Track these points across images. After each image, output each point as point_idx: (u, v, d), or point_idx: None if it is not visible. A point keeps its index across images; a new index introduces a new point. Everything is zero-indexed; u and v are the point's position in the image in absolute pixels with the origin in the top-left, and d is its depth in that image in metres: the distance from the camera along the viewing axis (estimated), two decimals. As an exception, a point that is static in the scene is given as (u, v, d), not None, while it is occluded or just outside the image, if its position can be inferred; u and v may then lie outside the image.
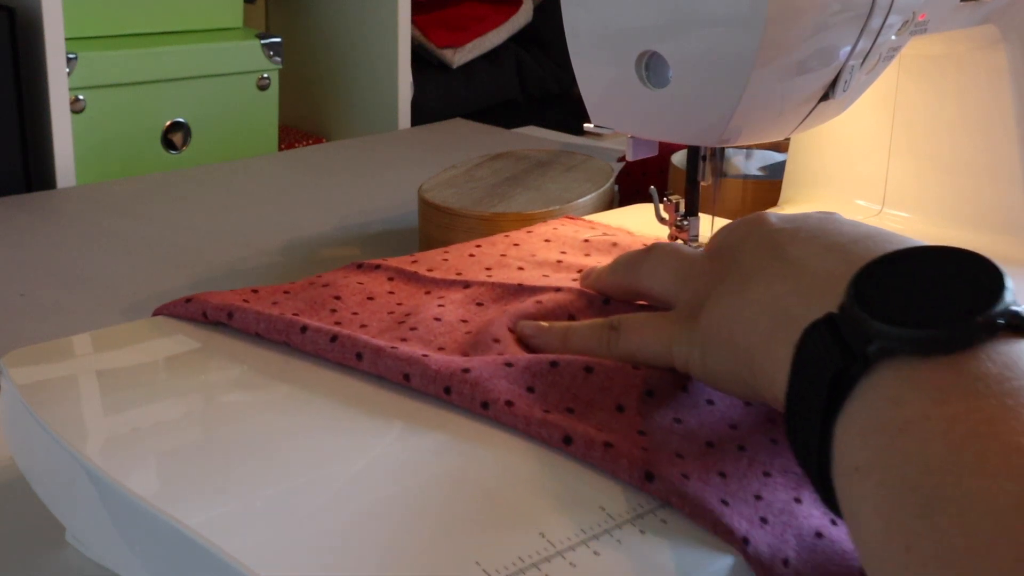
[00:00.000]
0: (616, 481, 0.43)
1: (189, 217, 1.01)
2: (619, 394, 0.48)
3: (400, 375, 0.49)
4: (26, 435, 0.48)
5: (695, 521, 0.41)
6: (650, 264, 0.53)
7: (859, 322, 0.36)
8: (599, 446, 0.44)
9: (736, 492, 0.43)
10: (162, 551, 0.40)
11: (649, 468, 0.43)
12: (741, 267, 0.46)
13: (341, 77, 1.51)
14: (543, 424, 0.46)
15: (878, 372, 0.36)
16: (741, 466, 0.45)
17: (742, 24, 0.53)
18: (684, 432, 0.47)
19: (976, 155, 0.73)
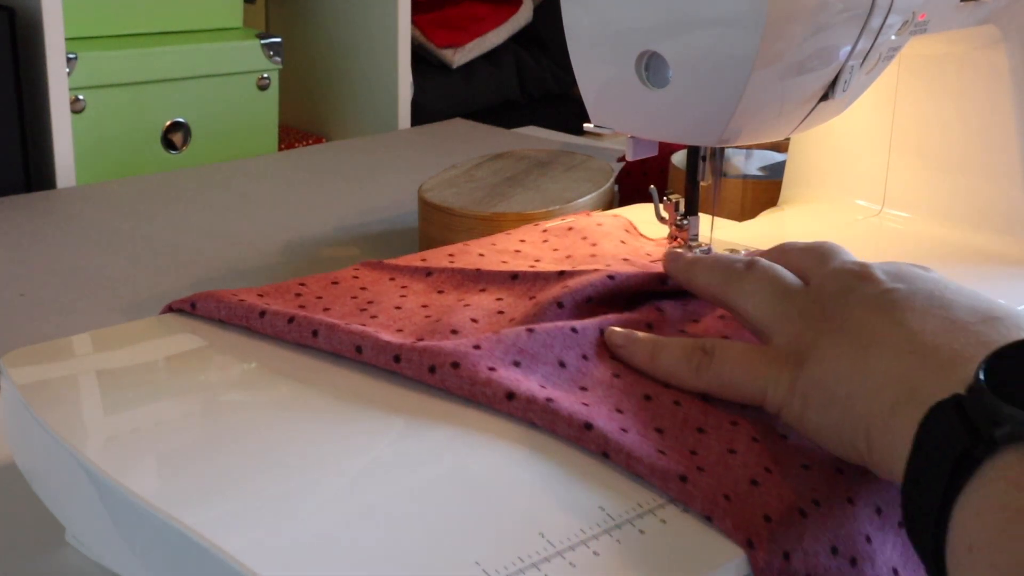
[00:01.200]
0: (616, 481, 0.43)
1: (189, 217, 1.01)
2: (560, 351, 0.50)
3: (352, 348, 0.51)
4: (26, 435, 0.48)
5: (632, 469, 0.44)
6: (748, 283, 0.51)
7: (988, 404, 0.36)
8: (540, 402, 0.46)
9: (673, 446, 0.46)
10: (162, 551, 0.40)
11: (588, 420, 0.45)
12: (854, 327, 0.45)
13: (341, 77, 1.51)
14: (487, 384, 0.48)
15: (1003, 456, 0.36)
16: (677, 420, 0.47)
17: (742, 24, 0.53)
18: (623, 387, 0.49)
19: (976, 155, 0.73)
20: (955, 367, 0.41)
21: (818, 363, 0.45)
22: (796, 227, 0.77)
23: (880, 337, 0.44)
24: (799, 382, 0.46)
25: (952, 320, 0.44)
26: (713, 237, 0.67)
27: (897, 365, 0.43)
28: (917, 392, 0.41)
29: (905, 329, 0.44)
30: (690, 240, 0.66)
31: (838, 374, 0.44)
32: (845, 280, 0.48)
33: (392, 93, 1.44)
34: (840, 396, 0.44)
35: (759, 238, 0.72)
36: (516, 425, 0.47)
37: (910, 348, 0.43)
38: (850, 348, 0.45)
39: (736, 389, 0.48)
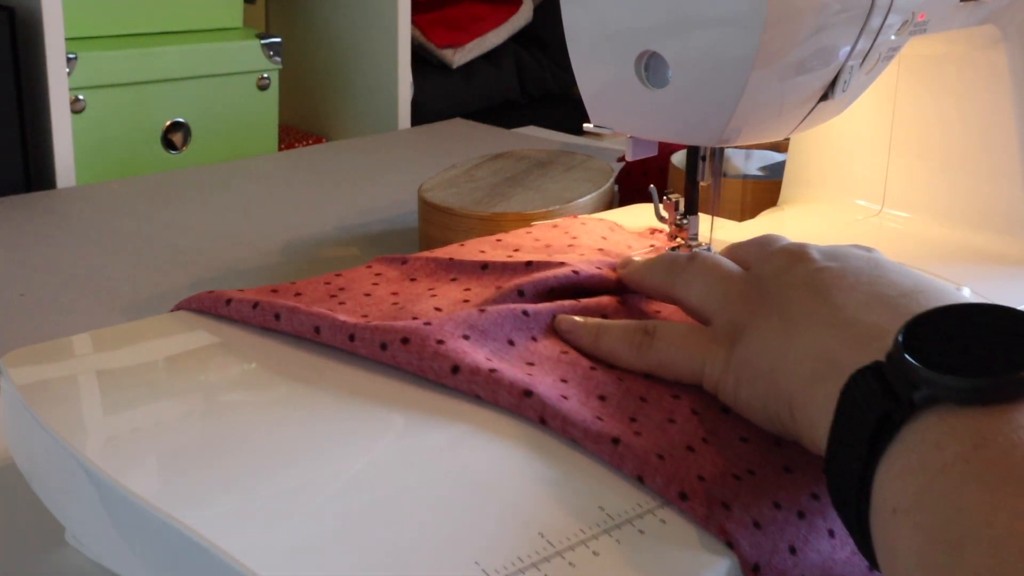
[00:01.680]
0: (616, 481, 0.43)
1: (189, 217, 1.01)
2: (511, 331, 0.52)
3: (312, 329, 0.53)
4: (26, 435, 0.48)
5: (567, 434, 0.45)
6: (690, 275, 0.53)
7: (906, 369, 0.37)
8: (484, 372, 0.48)
9: (612, 413, 0.47)
10: (162, 551, 0.40)
11: (529, 387, 0.47)
12: (785, 305, 0.47)
13: (341, 77, 1.51)
14: (434, 357, 0.49)
15: (922, 418, 0.37)
16: (620, 390, 0.49)
17: (742, 24, 0.53)
18: (570, 360, 0.51)
19: (976, 155, 0.73)
20: (874, 339, 0.42)
21: (748, 340, 0.47)
22: (796, 227, 0.77)
23: (805, 313, 0.46)
24: (732, 360, 0.47)
25: (876, 295, 0.45)
26: (713, 237, 0.67)
27: (819, 339, 0.44)
28: (837, 363, 0.42)
29: (829, 304, 0.45)
30: (690, 240, 0.66)
31: (765, 350, 0.46)
32: (781, 261, 0.50)
33: (392, 93, 1.44)
34: (765, 370, 0.45)
35: (759, 238, 0.72)
36: (516, 425, 0.47)
37: (832, 322, 0.44)
38: (778, 324, 0.46)
39: (675, 368, 0.49)
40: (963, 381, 0.36)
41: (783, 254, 0.50)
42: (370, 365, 0.51)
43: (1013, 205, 0.72)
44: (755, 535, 0.41)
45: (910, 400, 0.37)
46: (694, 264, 0.53)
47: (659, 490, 0.43)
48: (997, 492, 0.33)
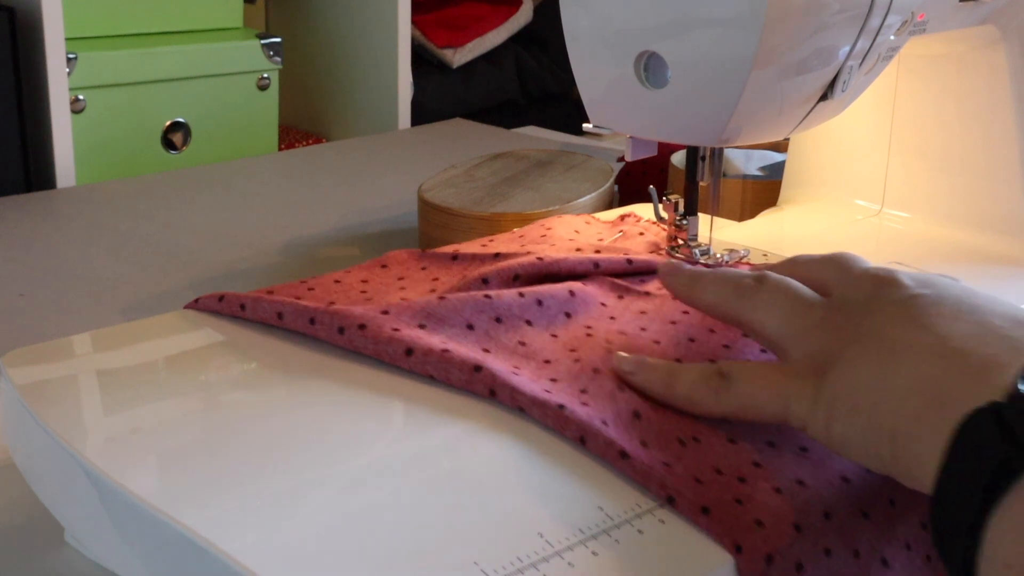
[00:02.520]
0: (615, 482, 0.43)
1: (189, 217, 1.01)
2: (471, 315, 0.53)
3: (275, 316, 0.54)
4: (25, 435, 0.48)
5: (516, 403, 0.47)
6: (763, 299, 0.49)
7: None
8: (437, 352, 0.49)
9: (564, 388, 0.48)
10: (162, 551, 0.40)
11: (479, 363, 0.48)
12: (881, 333, 0.43)
13: (341, 77, 1.51)
14: (389, 342, 0.50)
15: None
16: (573, 370, 0.50)
17: (741, 24, 0.53)
18: (526, 352, 0.52)
19: (975, 155, 0.73)
20: (987, 373, 0.39)
21: (841, 372, 0.43)
22: (795, 227, 0.77)
23: (906, 342, 0.42)
24: (823, 393, 0.43)
25: (982, 324, 0.42)
26: (712, 237, 0.67)
27: (924, 371, 0.41)
28: (946, 398, 0.39)
29: (932, 334, 0.42)
30: (689, 240, 0.66)
31: (863, 382, 0.42)
32: (868, 286, 0.46)
33: (392, 93, 1.44)
34: (865, 404, 0.42)
35: (758, 238, 0.72)
36: (515, 425, 0.47)
37: (939, 353, 0.41)
38: (875, 355, 0.43)
39: (758, 409, 0.46)
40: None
41: (869, 279, 0.47)
42: (370, 366, 0.51)
43: (1013, 205, 0.72)
44: (698, 488, 0.43)
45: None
46: (765, 287, 0.49)
47: (600, 452, 0.44)
48: None
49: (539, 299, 0.56)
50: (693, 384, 0.48)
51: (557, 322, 0.56)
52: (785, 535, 0.41)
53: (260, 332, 0.55)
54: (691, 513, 0.42)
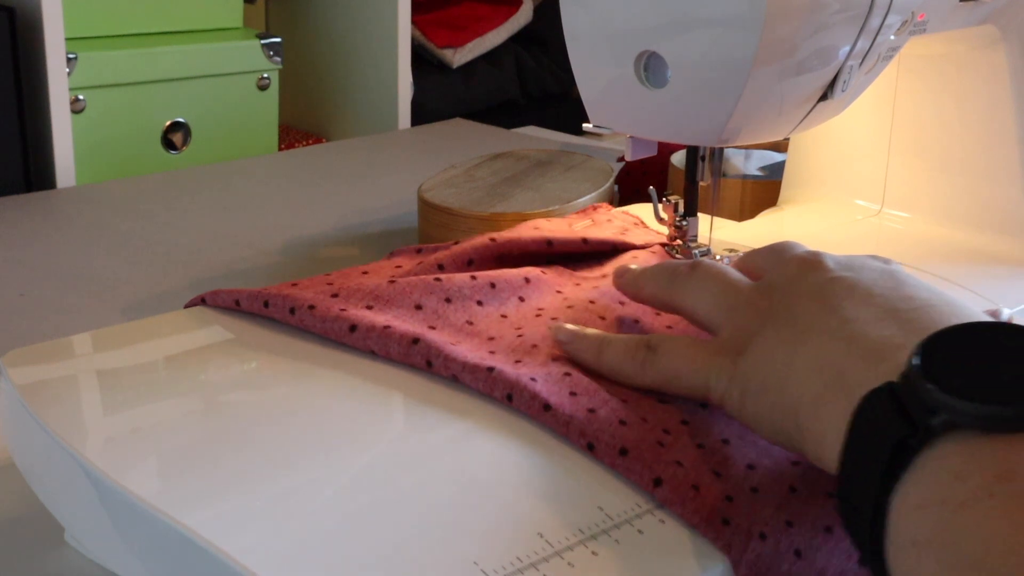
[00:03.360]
0: (615, 482, 0.43)
1: (189, 217, 1.01)
2: (420, 296, 0.55)
3: (232, 302, 0.56)
4: (25, 435, 0.48)
5: (449, 370, 0.49)
6: (694, 283, 0.51)
7: (923, 392, 0.36)
8: (378, 329, 0.52)
9: (499, 359, 0.50)
10: (162, 551, 0.40)
11: (417, 336, 0.51)
12: (794, 314, 0.45)
13: (341, 77, 1.51)
14: (336, 320, 0.53)
15: (940, 445, 0.35)
16: (514, 344, 0.52)
17: (741, 24, 0.53)
18: (471, 331, 0.54)
19: (975, 155, 0.73)
20: (884, 354, 0.40)
21: (755, 352, 0.45)
22: (795, 227, 0.77)
23: (813, 325, 0.44)
24: (738, 371, 0.45)
25: (888, 308, 0.43)
26: (712, 237, 0.67)
27: (826, 351, 0.42)
28: (844, 378, 0.41)
29: (838, 316, 0.43)
30: (689, 240, 0.66)
31: (772, 362, 0.44)
32: (793, 269, 0.48)
33: (392, 93, 1.44)
34: (772, 384, 0.44)
35: (758, 238, 0.72)
36: (515, 425, 0.47)
37: (841, 334, 0.42)
38: (785, 336, 0.44)
39: (680, 382, 0.48)
40: (984, 408, 0.34)
41: (795, 262, 0.48)
42: (369, 365, 0.51)
43: (1013, 205, 0.72)
44: (619, 430, 0.45)
45: (927, 425, 0.35)
46: (697, 272, 0.51)
47: (525, 408, 0.46)
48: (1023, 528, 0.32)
49: (492, 282, 0.58)
50: (620, 356, 0.49)
51: (509, 304, 0.57)
52: (705, 475, 0.43)
53: (259, 332, 0.55)
54: (609, 457, 0.44)
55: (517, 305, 0.57)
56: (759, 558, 0.40)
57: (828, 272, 0.47)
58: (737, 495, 0.42)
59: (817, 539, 0.42)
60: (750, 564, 0.40)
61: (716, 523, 0.41)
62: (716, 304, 0.49)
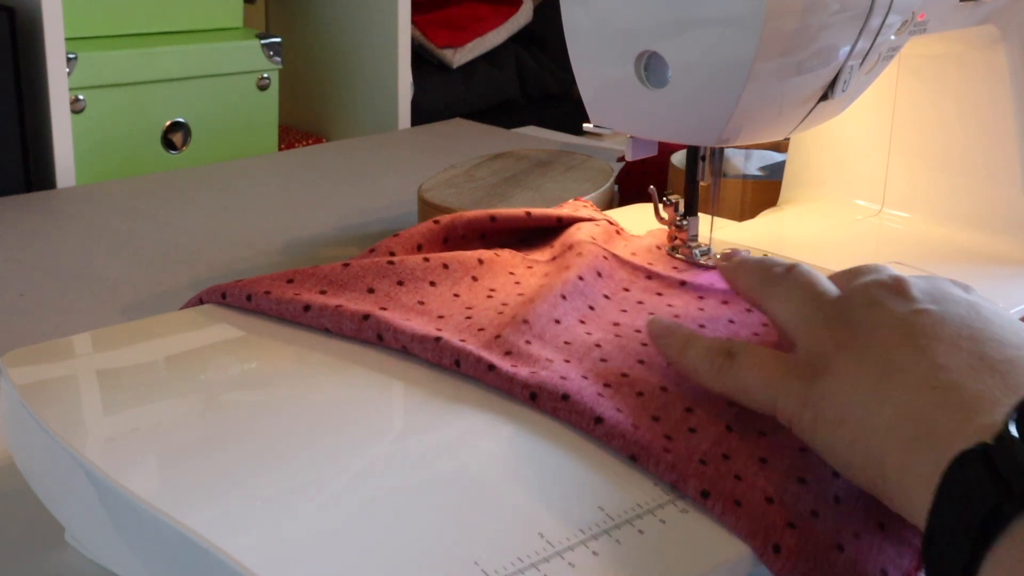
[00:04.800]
0: (615, 482, 0.43)
1: (189, 217, 1.01)
2: (372, 280, 0.57)
3: (218, 295, 0.57)
4: (25, 435, 0.48)
5: (399, 343, 0.51)
6: (783, 288, 0.50)
7: (1018, 456, 0.34)
8: (331, 308, 0.54)
9: (448, 334, 0.52)
10: (162, 551, 0.40)
11: (367, 312, 0.53)
12: (878, 347, 0.44)
13: (341, 77, 1.51)
14: (290, 302, 0.55)
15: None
16: (462, 325, 0.53)
17: (741, 24, 0.53)
18: (422, 310, 0.55)
19: (975, 155, 0.73)
20: (979, 409, 0.39)
21: (834, 378, 0.44)
22: (796, 227, 0.77)
23: (902, 364, 0.42)
24: (811, 396, 0.44)
25: (980, 355, 0.42)
26: (713, 237, 0.67)
27: (916, 400, 0.41)
28: (936, 432, 0.39)
29: (928, 361, 0.42)
30: (689, 240, 0.66)
31: (852, 396, 0.43)
32: (876, 293, 0.46)
33: (392, 93, 1.44)
34: (852, 420, 0.42)
35: (759, 238, 0.72)
36: (515, 425, 0.47)
37: (931, 384, 0.41)
38: (869, 371, 0.43)
39: (750, 396, 0.47)
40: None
41: (878, 286, 0.47)
42: (369, 365, 0.51)
43: (1013, 205, 0.72)
44: (562, 383, 0.47)
45: (1023, 491, 0.34)
46: (789, 277, 0.50)
47: (472, 371, 0.49)
48: None
49: (446, 263, 0.59)
50: (701, 356, 0.49)
51: (462, 284, 0.59)
52: (644, 419, 0.47)
53: (259, 332, 0.55)
54: (552, 401, 0.47)
55: (470, 285, 0.59)
56: (703, 477, 0.43)
57: (911, 301, 0.45)
58: (676, 435, 0.46)
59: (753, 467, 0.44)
60: (696, 485, 0.43)
61: (657, 451, 0.44)
62: (798, 315, 0.48)
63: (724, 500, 0.42)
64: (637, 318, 0.58)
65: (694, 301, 0.61)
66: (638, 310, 0.59)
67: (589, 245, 0.63)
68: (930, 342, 0.43)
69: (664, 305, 0.60)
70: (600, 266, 0.62)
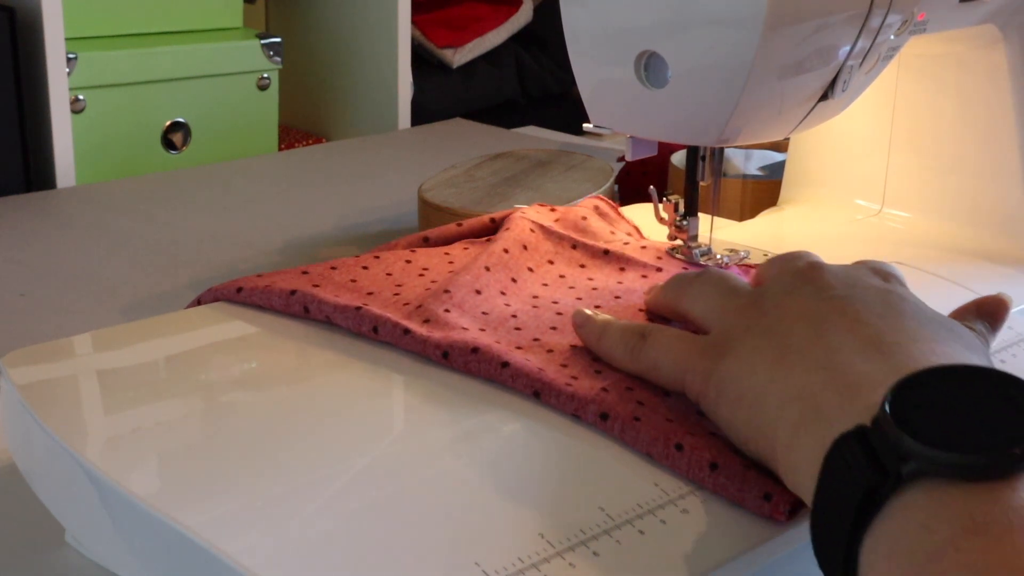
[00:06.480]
0: (616, 482, 0.43)
1: (189, 217, 1.01)
2: (307, 265, 0.59)
3: (214, 297, 0.59)
4: (25, 435, 0.48)
5: (327, 317, 0.54)
6: (697, 288, 0.52)
7: (894, 439, 0.35)
8: (260, 288, 0.56)
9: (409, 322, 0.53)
10: (162, 551, 0.40)
11: (295, 288, 0.55)
12: (781, 330, 0.45)
13: (341, 77, 1.51)
14: (267, 290, 0.56)
15: (910, 493, 0.35)
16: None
17: (741, 24, 0.53)
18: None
19: (976, 154, 0.73)
20: (863, 391, 0.40)
21: (736, 359, 0.45)
22: (796, 227, 0.77)
23: (799, 347, 0.44)
24: (716, 373, 0.46)
25: (874, 339, 0.43)
26: (713, 237, 0.67)
27: (806, 380, 0.42)
28: (821, 412, 0.40)
29: (823, 343, 0.43)
30: (689, 240, 0.66)
31: (752, 375, 0.44)
32: (790, 280, 0.48)
33: (392, 93, 1.44)
34: (749, 398, 0.44)
35: (759, 238, 0.72)
36: (516, 425, 0.47)
37: (823, 364, 0.42)
38: (770, 353, 0.44)
39: (660, 373, 0.49)
40: (953, 457, 0.34)
41: (794, 273, 0.49)
42: (369, 366, 0.51)
43: (1013, 205, 0.72)
44: (503, 351, 0.49)
45: (897, 472, 0.35)
46: (701, 278, 0.53)
47: (388, 336, 0.52)
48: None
49: (377, 255, 0.62)
50: (615, 341, 0.51)
51: (396, 266, 0.61)
52: (583, 372, 0.50)
53: (259, 333, 0.55)
54: (462, 356, 0.49)
55: (403, 266, 0.60)
56: (603, 403, 0.46)
57: (824, 289, 0.47)
58: (581, 376, 0.49)
59: None
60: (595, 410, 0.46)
61: (560, 386, 0.47)
62: (713, 307, 0.50)
63: (623, 419, 0.46)
64: (556, 291, 0.60)
65: (615, 274, 0.63)
66: (559, 283, 0.61)
67: (519, 219, 0.65)
68: (829, 326, 0.44)
69: (584, 278, 0.62)
70: (526, 239, 0.63)
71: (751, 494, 0.42)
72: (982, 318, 0.50)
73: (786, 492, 0.42)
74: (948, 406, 0.36)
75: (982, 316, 0.50)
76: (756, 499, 0.42)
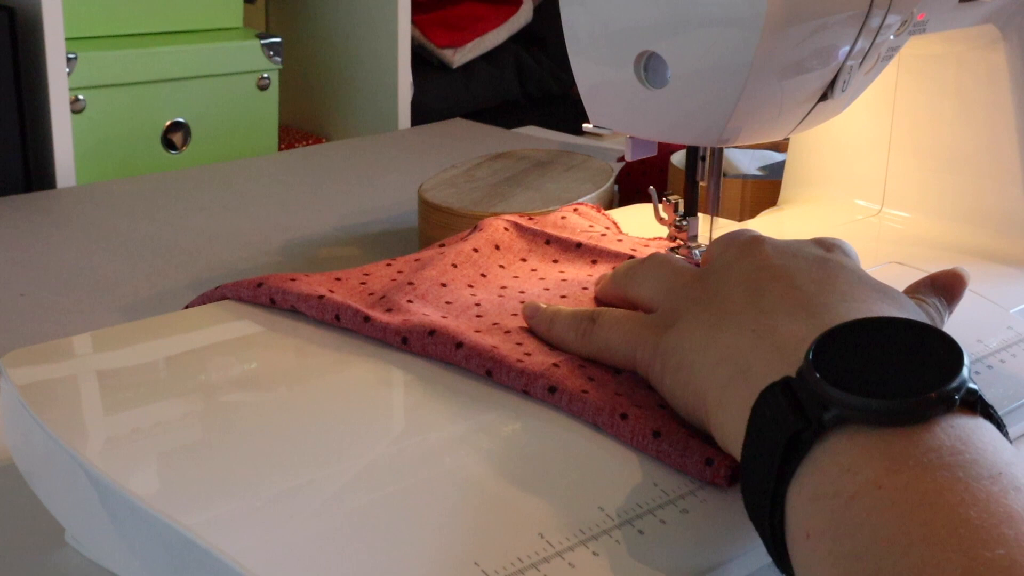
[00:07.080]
0: (615, 482, 0.43)
1: (189, 217, 1.01)
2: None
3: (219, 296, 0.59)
4: (25, 435, 0.48)
5: (295, 306, 0.54)
6: (642, 271, 0.54)
7: (816, 388, 0.37)
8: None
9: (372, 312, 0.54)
10: (161, 551, 0.40)
11: (261, 280, 0.56)
12: (720, 299, 0.47)
13: (341, 77, 1.51)
14: (254, 284, 0.56)
15: (832, 439, 0.36)
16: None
17: (741, 24, 0.53)
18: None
19: (975, 154, 0.73)
20: (789, 349, 0.41)
21: (678, 330, 0.47)
22: (795, 227, 0.77)
23: (731, 312, 0.46)
24: (660, 347, 0.47)
25: (804, 302, 0.44)
26: (713, 237, 0.67)
27: (738, 342, 0.44)
28: (749, 371, 0.42)
29: (756, 306, 0.45)
30: (689, 240, 0.66)
31: (690, 342, 0.46)
32: (732, 254, 0.50)
33: (392, 93, 1.44)
34: (687, 364, 0.45)
35: (759, 238, 0.72)
36: (515, 425, 0.47)
37: (754, 326, 0.44)
38: (707, 319, 0.46)
39: (611, 353, 0.50)
40: (873, 402, 0.36)
41: (736, 246, 0.50)
42: (369, 365, 0.52)
43: (1013, 205, 0.72)
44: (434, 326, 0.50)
45: (820, 419, 0.36)
46: (646, 262, 0.54)
47: (349, 323, 0.53)
48: (910, 520, 0.33)
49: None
50: (566, 326, 0.52)
51: (375, 268, 0.61)
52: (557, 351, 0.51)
53: (259, 333, 0.55)
54: (420, 339, 0.50)
55: (382, 268, 0.61)
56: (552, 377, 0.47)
57: (762, 259, 0.48)
58: (534, 352, 0.50)
59: None
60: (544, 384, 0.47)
61: (511, 363, 0.49)
62: (660, 288, 0.52)
63: (571, 392, 0.47)
64: (526, 283, 0.60)
65: (586, 267, 0.63)
66: (529, 276, 0.61)
67: (492, 220, 0.66)
68: (763, 292, 0.46)
69: (556, 272, 0.62)
70: (499, 239, 0.64)
71: (692, 459, 0.43)
72: (938, 293, 0.51)
73: (727, 457, 0.43)
74: (868, 356, 0.37)
75: (937, 291, 0.51)
76: (698, 464, 0.43)
